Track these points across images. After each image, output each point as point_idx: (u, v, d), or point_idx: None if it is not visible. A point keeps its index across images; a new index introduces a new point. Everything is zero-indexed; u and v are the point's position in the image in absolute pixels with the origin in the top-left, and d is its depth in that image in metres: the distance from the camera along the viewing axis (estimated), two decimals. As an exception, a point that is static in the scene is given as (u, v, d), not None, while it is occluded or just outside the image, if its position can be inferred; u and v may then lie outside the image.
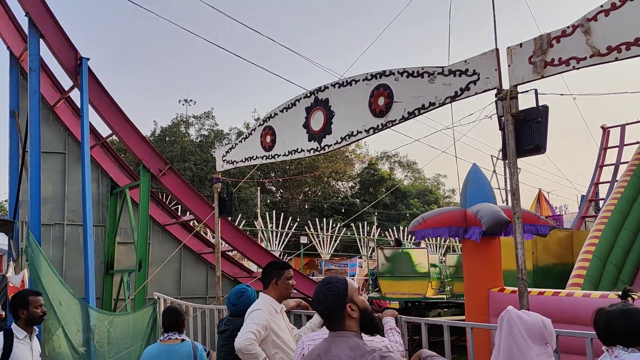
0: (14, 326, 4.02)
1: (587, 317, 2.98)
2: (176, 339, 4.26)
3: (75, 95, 10.68)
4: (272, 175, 42.30)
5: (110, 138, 11.98)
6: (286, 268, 3.94)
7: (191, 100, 45.69)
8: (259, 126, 7.14)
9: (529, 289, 7.11)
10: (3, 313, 4.02)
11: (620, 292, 2.79)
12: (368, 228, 28.67)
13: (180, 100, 49.70)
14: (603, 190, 18.96)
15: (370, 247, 27.10)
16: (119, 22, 72.26)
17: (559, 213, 25.72)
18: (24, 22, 10.01)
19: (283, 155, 6.70)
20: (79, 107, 9.97)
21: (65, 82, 10.66)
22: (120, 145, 16.35)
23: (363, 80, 5.54)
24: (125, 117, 10.32)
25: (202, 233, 14.13)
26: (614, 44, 3.65)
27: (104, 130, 11.47)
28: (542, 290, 7.16)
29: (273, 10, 73.22)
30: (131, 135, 10.41)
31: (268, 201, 41.48)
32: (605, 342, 2.54)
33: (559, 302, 6.65)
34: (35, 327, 4.13)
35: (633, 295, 2.76)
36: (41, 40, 9.45)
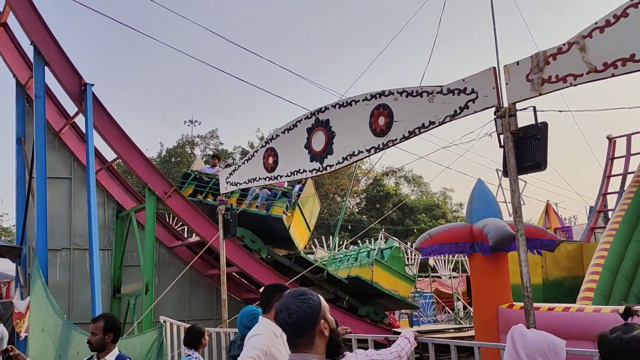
0: None
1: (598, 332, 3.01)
2: (186, 353, 5.17)
3: (80, 120, 10.81)
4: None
5: (116, 162, 12.07)
6: (286, 290, 3.92)
7: (196, 121, 45.88)
8: (261, 147, 7.16)
9: (539, 305, 7.04)
10: (12, 347, 3.94)
11: (622, 311, 2.77)
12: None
13: (185, 122, 49.89)
14: (612, 200, 18.81)
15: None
16: (122, 48, 73.11)
17: (568, 225, 25.45)
18: (29, 51, 10.20)
19: (285, 176, 6.71)
20: (84, 132, 10.08)
21: (70, 107, 10.80)
22: (126, 168, 16.46)
23: (363, 100, 5.56)
24: (129, 141, 10.41)
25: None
26: (610, 60, 3.65)
27: (109, 155, 11.56)
28: (552, 305, 7.07)
29: (276, 33, 73.87)
30: (136, 158, 10.49)
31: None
32: None
33: (569, 317, 6.56)
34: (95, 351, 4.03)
35: (637, 312, 2.74)
36: (46, 67, 9.60)
